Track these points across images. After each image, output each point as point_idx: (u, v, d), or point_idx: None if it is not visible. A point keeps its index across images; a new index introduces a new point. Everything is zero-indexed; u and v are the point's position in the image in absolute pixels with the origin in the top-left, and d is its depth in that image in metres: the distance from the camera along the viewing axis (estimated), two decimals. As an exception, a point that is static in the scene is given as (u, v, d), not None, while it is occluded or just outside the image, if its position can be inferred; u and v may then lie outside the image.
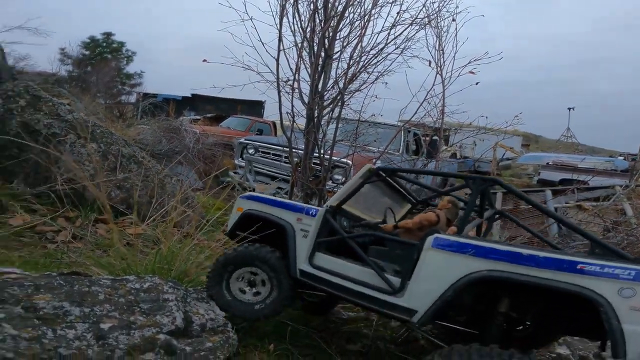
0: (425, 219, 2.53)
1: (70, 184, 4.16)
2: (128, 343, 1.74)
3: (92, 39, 26.37)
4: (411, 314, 2.05)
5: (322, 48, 4.77)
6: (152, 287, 2.16)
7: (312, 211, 2.59)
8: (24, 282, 1.87)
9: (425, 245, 2.09)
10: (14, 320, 1.60)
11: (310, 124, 4.92)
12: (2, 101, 4.11)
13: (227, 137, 9.87)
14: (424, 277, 2.05)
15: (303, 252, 2.49)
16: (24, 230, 3.91)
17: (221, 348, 2.06)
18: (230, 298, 2.55)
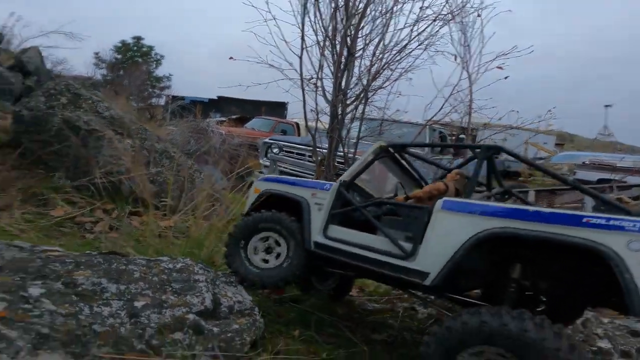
0: (435, 188, 2.54)
1: (107, 177, 4.32)
2: (159, 322, 1.77)
3: (124, 43, 27.09)
4: (423, 276, 2.05)
5: (344, 46, 4.75)
6: (184, 267, 2.21)
7: (326, 186, 2.66)
8: (65, 259, 1.94)
9: (435, 208, 2.10)
10: (54, 295, 1.64)
11: (334, 122, 4.93)
12: (45, 99, 4.31)
13: (252, 138, 10.01)
14: (435, 239, 2.06)
15: (317, 225, 2.55)
16: (64, 221, 4.07)
17: (247, 330, 2.09)
18: (249, 265, 2.65)
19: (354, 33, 4.75)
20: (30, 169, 4.73)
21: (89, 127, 4.31)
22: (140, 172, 4.37)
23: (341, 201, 2.58)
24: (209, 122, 9.12)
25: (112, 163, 4.46)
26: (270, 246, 2.72)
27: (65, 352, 1.38)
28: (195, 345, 1.75)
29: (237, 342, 1.94)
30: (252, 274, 2.61)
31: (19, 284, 1.63)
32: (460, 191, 2.57)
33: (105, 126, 4.33)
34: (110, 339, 1.55)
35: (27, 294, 1.60)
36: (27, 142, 4.56)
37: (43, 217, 4.03)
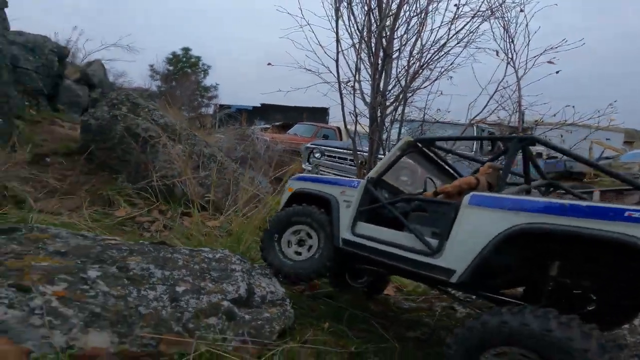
0: (465, 182, 2.42)
1: (163, 181, 4.65)
2: (196, 306, 1.88)
3: (174, 55, 28.07)
4: (449, 274, 1.98)
5: (380, 47, 4.72)
6: (222, 258, 2.34)
7: (355, 183, 2.66)
8: (121, 247, 2.13)
9: (462, 203, 2.02)
10: (108, 278, 1.80)
11: (374, 124, 4.89)
12: (108, 109, 4.72)
13: (295, 144, 10.21)
14: (461, 236, 1.98)
15: (346, 221, 2.55)
16: (126, 221, 4.42)
17: (277, 320, 2.15)
18: (282, 257, 2.72)
19: (389, 34, 4.70)
20: (96, 173, 5.20)
21: (146, 133, 4.67)
22: (190, 175, 4.65)
23: (369, 198, 2.56)
24: (253, 129, 9.44)
25: (167, 167, 4.79)
26: (302, 239, 2.79)
27: (112, 332, 1.52)
28: (227, 331, 1.85)
29: (266, 329, 2.02)
30: (286, 265, 2.69)
31: (80, 267, 1.82)
32: (493, 185, 2.45)
33: (160, 133, 4.65)
34: (152, 321, 1.68)
35: (86, 276, 1.77)
36: (94, 148, 5.02)
37: (108, 217, 4.40)
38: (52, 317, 1.43)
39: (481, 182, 2.45)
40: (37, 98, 6.52)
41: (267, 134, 10.29)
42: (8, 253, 1.78)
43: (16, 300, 1.38)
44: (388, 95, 5.06)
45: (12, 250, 1.81)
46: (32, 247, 1.94)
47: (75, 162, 5.37)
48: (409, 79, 4.94)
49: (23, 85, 6.10)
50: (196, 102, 21.91)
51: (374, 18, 4.71)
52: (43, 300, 1.47)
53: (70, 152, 5.55)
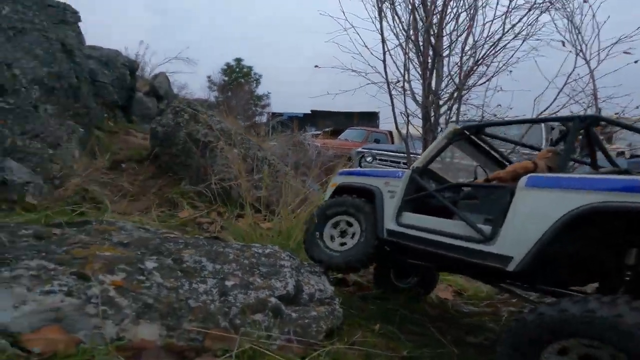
0: (521, 167, 2.19)
1: (220, 184, 4.76)
2: (244, 302, 1.81)
3: (228, 66, 28.72)
4: (505, 261, 1.79)
5: (428, 46, 4.50)
6: (272, 253, 2.25)
7: (399, 173, 2.55)
8: (178, 240, 2.14)
9: (518, 186, 1.83)
10: (164, 270, 1.78)
11: (427, 124, 4.66)
12: (172, 116, 4.95)
13: (346, 149, 10.09)
14: (518, 220, 1.79)
15: (390, 212, 2.43)
16: (188, 222, 4.59)
17: (325, 319, 2.03)
18: (324, 247, 2.66)
19: (437, 32, 4.46)
20: (163, 176, 5.48)
21: (205, 138, 4.82)
22: (245, 178, 4.72)
23: (414, 188, 2.43)
24: (305, 135, 9.48)
25: (224, 170, 4.90)
26: (343, 229, 2.71)
27: (162, 324, 1.49)
28: (273, 328, 1.75)
29: (313, 328, 1.90)
30: (335, 257, 2.60)
31: (139, 258, 1.83)
32: (553, 169, 2.17)
33: (218, 138, 4.78)
34: (200, 315, 1.63)
35: (144, 266, 1.77)
36: (161, 154, 5.29)
37: (172, 218, 4.60)
38: (107, 306, 1.42)
39: (539, 166, 2.20)
40: (114, 110, 7.04)
41: (317, 140, 10.28)
42: (76, 243, 1.84)
43: (75, 288, 1.39)
44: (441, 94, 4.80)
45: (80, 241, 1.87)
46: (99, 238, 2.00)
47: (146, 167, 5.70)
48: (463, 77, 4.65)
49: (102, 98, 6.62)
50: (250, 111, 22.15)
51: (419, 16, 4.50)
52: (100, 289, 1.48)
53: (142, 159, 5.91)
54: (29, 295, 1.26)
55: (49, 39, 4.99)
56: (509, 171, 2.23)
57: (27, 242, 1.69)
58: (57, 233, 1.92)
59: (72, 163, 5.07)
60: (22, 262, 1.43)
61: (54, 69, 5.03)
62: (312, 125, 13.35)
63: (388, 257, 2.66)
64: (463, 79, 4.63)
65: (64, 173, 4.82)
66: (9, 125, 4.29)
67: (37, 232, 1.89)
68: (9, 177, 3.98)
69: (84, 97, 5.76)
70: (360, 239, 2.57)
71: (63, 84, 5.24)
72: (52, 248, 1.67)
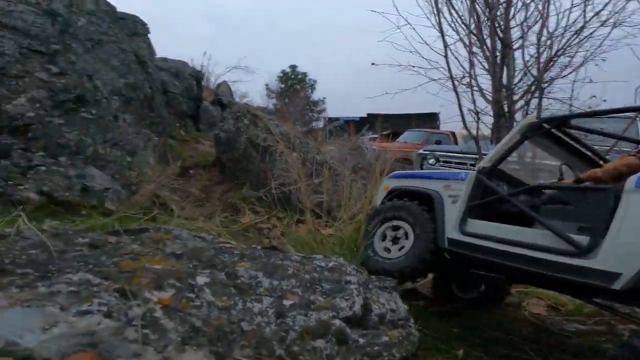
0: (623, 164, 1.83)
1: (280, 188, 4.61)
2: (303, 324, 1.52)
3: (284, 73, 28.89)
4: (610, 278, 1.51)
5: (495, 38, 4.07)
6: (336, 267, 1.93)
7: (462, 175, 2.20)
8: (234, 251, 1.90)
9: (626, 188, 1.55)
10: (216, 286, 1.56)
11: (500, 121, 4.16)
12: (234, 122, 4.90)
13: (405, 152, 9.56)
14: (628, 229, 1.50)
15: (452, 219, 2.10)
16: (249, 227, 4.50)
17: (398, 345, 1.66)
18: (372, 254, 2.38)
19: (504, 23, 3.98)
20: (227, 182, 5.49)
21: (265, 143, 4.70)
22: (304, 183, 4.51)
23: (481, 191, 2.08)
24: (362, 139, 9.13)
25: (284, 175, 4.74)
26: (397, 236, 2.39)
27: (210, 351, 1.24)
28: (336, 357, 1.43)
29: (384, 357, 1.54)
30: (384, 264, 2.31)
31: (190, 272, 1.63)
32: None
33: (277, 142, 4.63)
34: (253, 340, 1.36)
35: (194, 282, 1.56)
36: (225, 160, 5.29)
37: (235, 223, 4.54)
38: (150, 329, 1.20)
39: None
40: (184, 119, 7.31)
41: (375, 143, 9.87)
42: (128, 253, 1.69)
43: (115, 308, 1.20)
44: (515, 88, 4.27)
45: (131, 251, 1.72)
46: (153, 247, 1.84)
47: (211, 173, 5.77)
48: (542, 68, 4.08)
49: (173, 108, 6.89)
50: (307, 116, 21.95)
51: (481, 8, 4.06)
52: (145, 309, 1.27)
53: (207, 165, 6.01)
54: (62, 316, 1.08)
55: (123, 51, 5.24)
56: (608, 169, 1.88)
57: (80, 252, 1.57)
58: (112, 242, 1.80)
59: (147, 170, 5.25)
60: (65, 276, 1.27)
61: (130, 80, 5.26)
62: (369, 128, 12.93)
63: (449, 265, 2.31)
64: (542, 71, 4.07)
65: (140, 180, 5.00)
66: (91, 134, 4.53)
67: (93, 240, 1.77)
68: (90, 183, 4.16)
69: (157, 107, 6.00)
70: (414, 245, 2.23)
71: (139, 94, 5.47)
72: (101, 259, 1.52)
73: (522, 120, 2.17)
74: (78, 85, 4.30)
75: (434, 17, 4.13)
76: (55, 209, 3.72)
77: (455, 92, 4.26)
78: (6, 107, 3.59)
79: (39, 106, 3.82)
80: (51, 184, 3.67)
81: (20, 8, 3.98)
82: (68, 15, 4.55)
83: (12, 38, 3.79)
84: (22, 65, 3.82)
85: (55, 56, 4.17)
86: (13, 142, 3.62)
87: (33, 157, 3.70)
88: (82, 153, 4.14)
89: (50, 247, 1.44)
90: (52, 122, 3.91)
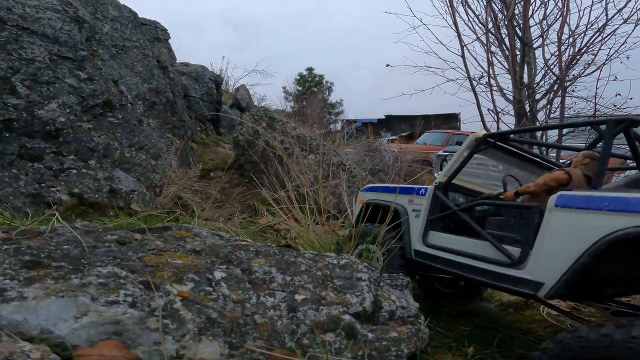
0: (552, 178, 1.98)
1: (297, 190, 4.70)
2: (314, 319, 1.59)
3: (301, 75, 29.02)
4: (536, 287, 1.65)
5: (514, 37, 4.03)
6: (348, 264, 1.98)
7: (422, 190, 2.36)
8: (249, 248, 1.99)
9: (548, 206, 1.67)
10: (231, 281, 1.64)
11: (522, 120, 4.11)
12: (252, 124, 5.02)
13: (425, 153, 9.46)
14: (549, 243, 1.63)
15: (416, 232, 2.27)
16: (267, 228, 4.60)
17: (407, 341, 1.70)
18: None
19: (523, 22, 3.94)
20: (245, 184, 5.63)
21: (282, 145, 4.80)
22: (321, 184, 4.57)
23: (438, 205, 2.23)
24: (380, 141, 9.10)
25: (301, 177, 4.82)
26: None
27: (224, 342, 1.32)
28: (344, 350, 1.48)
29: (392, 352, 1.58)
30: None
31: (208, 267, 1.73)
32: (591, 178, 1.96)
33: (294, 144, 4.72)
34: (265, 332, 1.43)
35: (212, 277, 1.66)
36: (244, 162, 5.43)
37: (253, 224, 4.65)
38: (170, 319, 1.30)
39: (574, 177, 1.97)
40: (205, 123, 7.52)
41: (394, 145, 9.81)
42: (152, 249, 1.80)
43: (140, 299, 1.30)
44: (536, 87, 4.21)
45: (155, 247, 1.83)
46: (174, 244, 1.95)
47: (230, 175, 5.93)
48: (565, 66, 4.00)
49: (194, 112, 7.10)
50: (325, 119, 21.89)
51: (499, 7, 4.03)
52: (166, 301, 1.37)
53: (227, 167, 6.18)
54: (92, 306, 1.18)
55: (146, 56, 5.45)
56: (539, 184, 2.02)
57: (109, 248, 1.69)
58: (138, 238, 1.92)
59: (170, 173, 5.45)
60: (95, 269, 1.39)
61: (153, 85, 5.47)
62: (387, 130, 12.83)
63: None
64: (564, 70, 4.00)
65: (163, 182, 5.20)
66: (118, 138, 4.75)
67: (120, 237, 1.90)
68: (117, 186, 4.37)
69: (179, 111, 6.20)
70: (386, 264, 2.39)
71: (161, 99, 5.68)
72: (128, 254, 1.64)
73: (469, 137, 2.33)
74: (105, 90, 4.53)
75: (450, 17, 4.13)
76: (85, 209, 3.94)
77: (474, 92, 4.24)
78: (39, 113, 3.82)
79: (69, 111, 4.04)
80: (81, 186, 3.89)
81: (48, 15, 4.21)
82: (93, 22, 4.79)
83: (42, 45, 4.01)
84: (53, 72, 4.04)
85: (83, 62, 4.39)
86: (46, 147, 3.85)
87: (65, 160, 3.92)
88: (109, 156, 4.35)
89: (82, 242, 1.56)
90: (81, 126, 4.13)
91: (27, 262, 1.34)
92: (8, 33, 3.80)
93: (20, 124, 3.69)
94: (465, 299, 2.92)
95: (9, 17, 3.87)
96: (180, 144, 6.21)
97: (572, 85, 4.08)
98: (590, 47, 3.92)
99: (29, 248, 1.46)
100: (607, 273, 1.60)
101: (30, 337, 1.10)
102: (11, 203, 3.39)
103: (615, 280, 1.70)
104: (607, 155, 1.78)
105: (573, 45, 3.96)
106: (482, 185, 2.66)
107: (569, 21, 3.92)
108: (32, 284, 1.24)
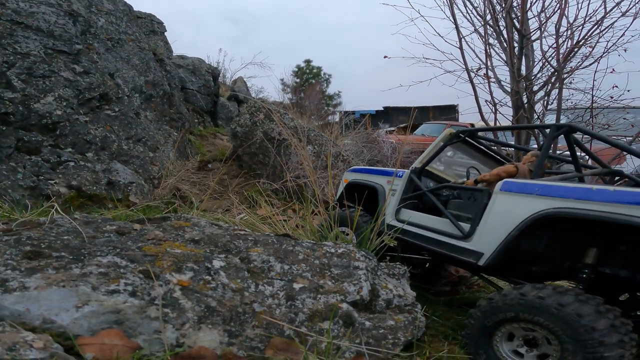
0: (504, 170, 2.39)
1: (295, 181, 4.71)
2: (312, 307, 1.61)
3: (299, 67, 28.83)
4: (477, 257, 1.97)
5: (512, 29, 4.01)
6: (345, 253, 2.00)
7: (400, 173, 2.68)
8: (248, 237, 2.01)
9: (495, 190, 2.02)
10: (230, 269, 1.66)
11: (520, 112, 4.12)
12: (249, 116, 5.00)
13: (423, 144, 9.45)
14: (491, 220, 1.96)
15: (390, 208, 2.62)
16: (266, 219, 4.61)
17: (404, 329, 1.73)
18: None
19: (521, 14, 3.91)
20: (244, 175, 5.63)
21: (280, 136, 4.79)
22: (318, 175, 4.59)
23: (412, 187, 2.62)
24: (378, 132, 9.07)
25: (299, 168, 4.83)
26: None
27: (224, 330, 1.34)
28: (342, 338, 1.50)
29: (388, 340, 1.61)
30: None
31: (207, 256, 1.74)
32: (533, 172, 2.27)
33: (291, 135, 4.71)
34: (264, 321, 1.46)
35: (211, 266, 1.67)
36: (242, 153, 5.42)
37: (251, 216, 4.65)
38: (170, 308, 1.32)
39: (521, 170, 2.36)
40: (202, 115, 7.48)
41: (392, 136, 9.79)
42: (151, 239, 1.82)
43: (140, 288, 1.31)
44: (534, 79, 4.21)
45: (155, 237, 1.84)
46: (173, 234, 1.96)
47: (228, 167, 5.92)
48: (563, 58, 4.00)
49: (191, 104, 7.06)
50: (323, 110, 21.77)
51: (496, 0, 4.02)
52: (166, 290, 1.39)
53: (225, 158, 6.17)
54: (93, 295, 1.19)
55: (142, 49, 5.40)
56: (493, 174, 2.39)
57: (108, 238, 1.70)
58: (137, 228, 1.93)
59: (168, 164, 5.44)
60: (95, 259, 1.40)
61: (150, 78, 5.43)
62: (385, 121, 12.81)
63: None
64: (562, 62, 3.99)
65: (161, 174, 5.19)
66: (115, 131, 4.73)
67: (120, 227, 1.91)
68: (115, 178, 4.36)
69: (176, 103, 6.17)
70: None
71: (158, 91, 5.64)
72: (128, 244, 1.65)
73: (444, 132, 2.67)
74: (101, 83, 4.49)
75: (448, 9, 4.11)
76: (83, 201, 3.94)
77: (472, 84, 4.24)
78: (35, 106, 3.80)
79: (65, 104, 4.02)
80: (79, 179, 3.88)
81: (42, 9, 4.16)
82: (88, 16, 4.73)
83: (36, 39, 3.97)
84: (48, 65, 4.01)
85: (79, 56, 4.35)
86: (43, 139, 3.83)
87: (62, 153, 3.91)
88: (107, 149, 4.33)
89: (82, 233, 1.57)
90: (78, 119, 4.11)
91: (28, 253, 1.35)
92: (2, 28, 3.76)
93: (17, 118, 3.67)
94: (430, 280, 3.26)
95: (2, 11, 3.82)
96: (177, 136, 6.18)
97: (570, 78, 4.08)
98: (588, 39, 3.92)
99: (30, 239, 1.47)
100: (531, 248, 1.86)
101: (33, 327, 1.11)
102: (10, 196, 3.39)
103: (538, 258, 1.95)
104: (545, 153, 2.12)
105: (571, 38, 3.95)
106: (449, 175, 3.06)
107: (567, 14, 3.91)
108: (33, 274, 1.25)
